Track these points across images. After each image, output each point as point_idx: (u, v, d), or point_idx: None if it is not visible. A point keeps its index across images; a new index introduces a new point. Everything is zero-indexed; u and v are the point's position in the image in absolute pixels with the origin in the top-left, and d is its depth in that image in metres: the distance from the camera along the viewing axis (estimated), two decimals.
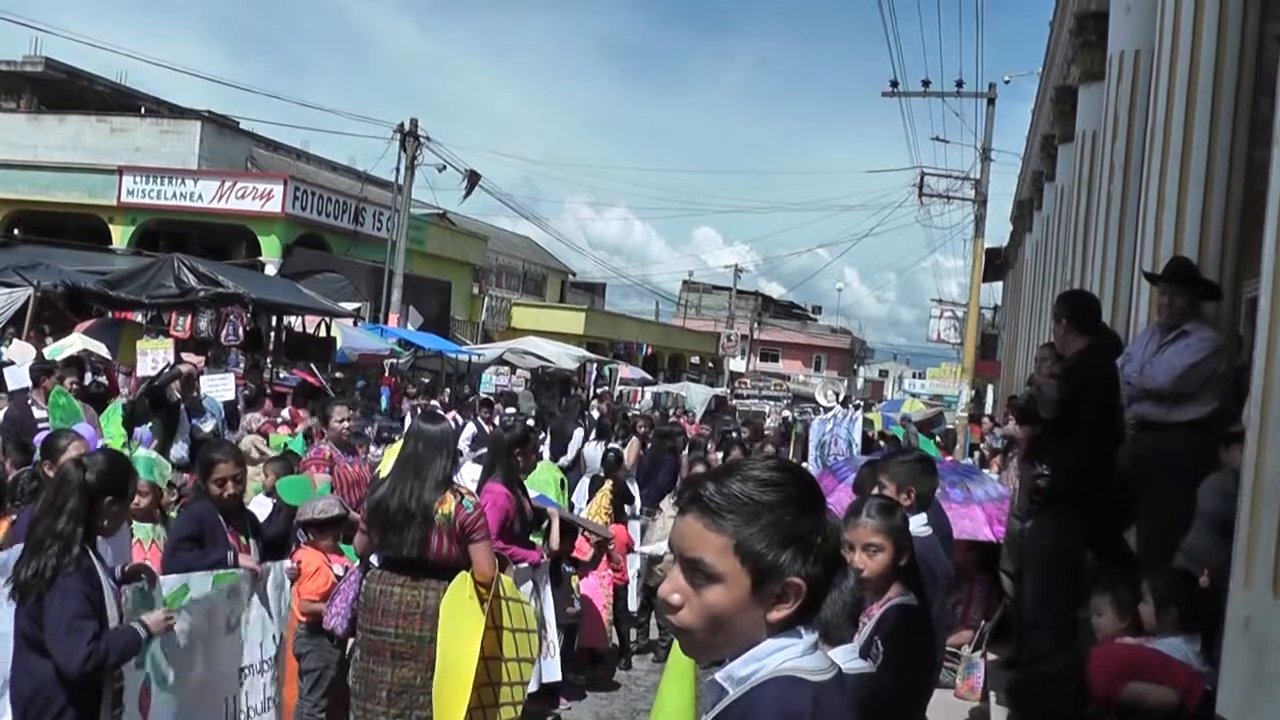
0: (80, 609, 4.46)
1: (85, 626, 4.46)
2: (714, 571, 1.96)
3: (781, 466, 2.07)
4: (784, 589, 1.96)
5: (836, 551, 2.03)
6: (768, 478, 2.00)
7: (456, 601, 6.05)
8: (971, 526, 8.72)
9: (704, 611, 1.98)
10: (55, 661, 4.44)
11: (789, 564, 1.96)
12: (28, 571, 4.47)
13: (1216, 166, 7.19)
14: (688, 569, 2.00)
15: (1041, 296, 19.33)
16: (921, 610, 4.24)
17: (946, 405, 34.25)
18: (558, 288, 58.72)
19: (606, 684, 9.58)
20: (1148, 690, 4.94)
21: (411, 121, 32.29)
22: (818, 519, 2.00)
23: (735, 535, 1.96)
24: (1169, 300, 6.78)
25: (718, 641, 2.01)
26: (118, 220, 34.93)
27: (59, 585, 4.44)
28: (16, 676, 4.56)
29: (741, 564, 1.95)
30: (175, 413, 11.94)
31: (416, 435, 6.36)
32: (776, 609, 1.97)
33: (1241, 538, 4.59)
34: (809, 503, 2.01)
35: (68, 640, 4.41)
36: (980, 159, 33.64)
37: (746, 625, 1.99)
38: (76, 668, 4.41)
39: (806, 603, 1.99)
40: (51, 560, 4.45)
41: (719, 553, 1.96)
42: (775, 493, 1.98)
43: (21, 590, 4.49)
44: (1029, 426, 7.06)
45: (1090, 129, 13.00)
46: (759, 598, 1.97)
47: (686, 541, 2.01)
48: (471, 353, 31.45)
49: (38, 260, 22.43)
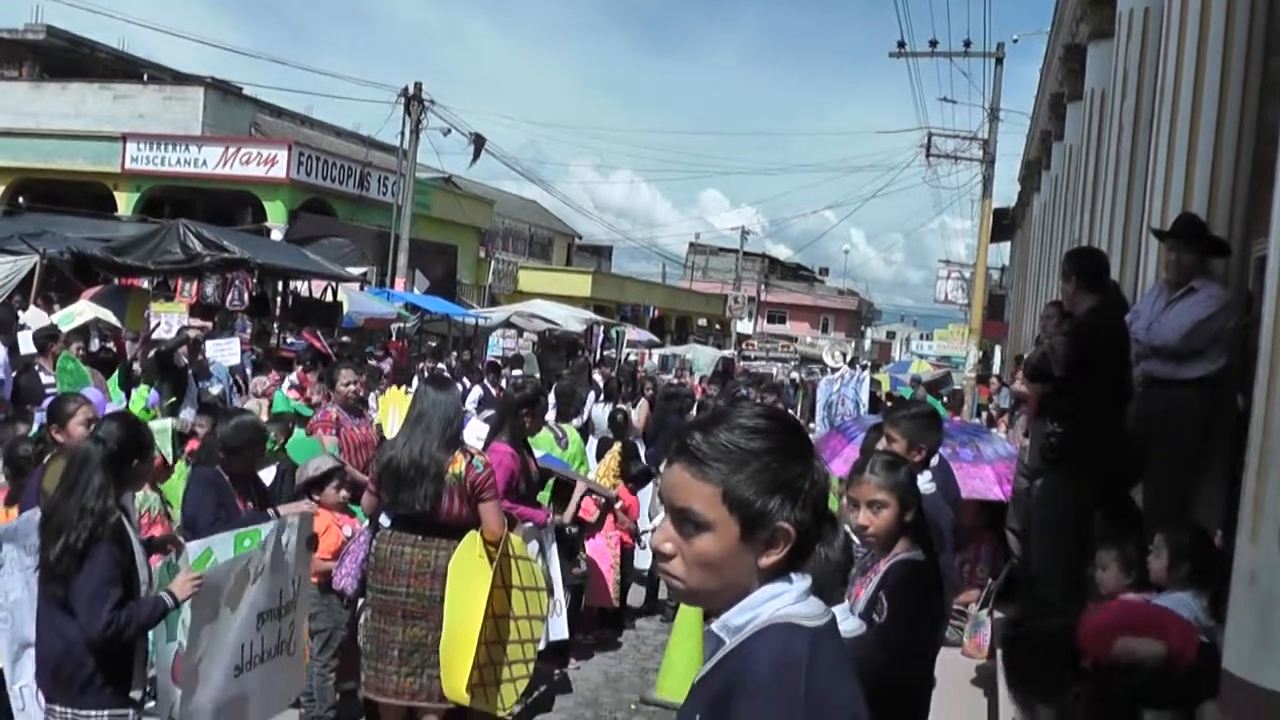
0: (107, 575, 4.46)
1: (110, 593, 4.45)
2: (703, 520, 1.98)
3: (768, 414, 2.07)
4: (773, 535, 1.97)
5: (825, 497, 2.04)
6: (754, 425, 2.01)
7: (466, 560, 6.08)
8: (982, 486, 8.72)
9: (695, 560, 2.00)
10: (78, 625, 4.46)
11: (777, 510, 1.97)
12: (57, 550, 4.43)
13: (1226, 124, 7.14)
14: (677, 518, 2.02)
15: (1049, 256, 19.27)
16: (929, 566, 4.23)
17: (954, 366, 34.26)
18: (564, 251, 58.62)
19: (614, 644, 9.64)
20: (1136, 644, 4.94)
21: (416, 86, 32.16)
22: (805, 465, 2.01)
23: (723, 483, 1.97)
24: (1177, 257, 6.75)
25: (711, 589, 2.03)
26: (122, 187, 34.87)
27: (89, 551, 4.45)
28: (47, 636, 4.56)
29: (730, 511, 1.97)
30: (183, 377, 12.00)
31: (425, 398, 6.39)
32: (767, 555, 1.98)
33: (1248, 493, 4.59)
34: (796, 449, 2.02)
35: (91, 606, 4.41)
36: (988, 119, 33.54)
37: (738, 573, 2.00)
38: (97, 633, 4.42)
39: (797, 549, 2.00)
40: (84, 534, 4.43)
41: (707, 501, 1.98)
42: (762, 440, 1.99)
43: (50, 570, 4.47)
44: (1039, 385, 7.04)
45: (1099, 87, 12.93)
46: (749, 544, 1.98)
47: (675, 491, 2.02)
48: (478, 316, 31.38)
49: (43, 228, 22.44)
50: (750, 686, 1.89)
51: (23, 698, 5.04)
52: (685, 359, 38.86)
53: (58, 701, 4.56)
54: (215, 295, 19.97)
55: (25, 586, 4.88)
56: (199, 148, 34.23)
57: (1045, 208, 22.28)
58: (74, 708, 4.54)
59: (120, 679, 4.64)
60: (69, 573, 4.43)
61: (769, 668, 1.90)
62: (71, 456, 4.64)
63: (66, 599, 4.46)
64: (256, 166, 33.63)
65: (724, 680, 1.95)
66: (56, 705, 4.56)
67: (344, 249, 29.53)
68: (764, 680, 1.89)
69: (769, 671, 1.90)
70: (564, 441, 10.02)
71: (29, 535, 4.81)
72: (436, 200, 39.41)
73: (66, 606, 4.47)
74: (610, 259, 68.35)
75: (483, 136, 33.60)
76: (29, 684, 4.97)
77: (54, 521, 4.49)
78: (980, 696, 7.20)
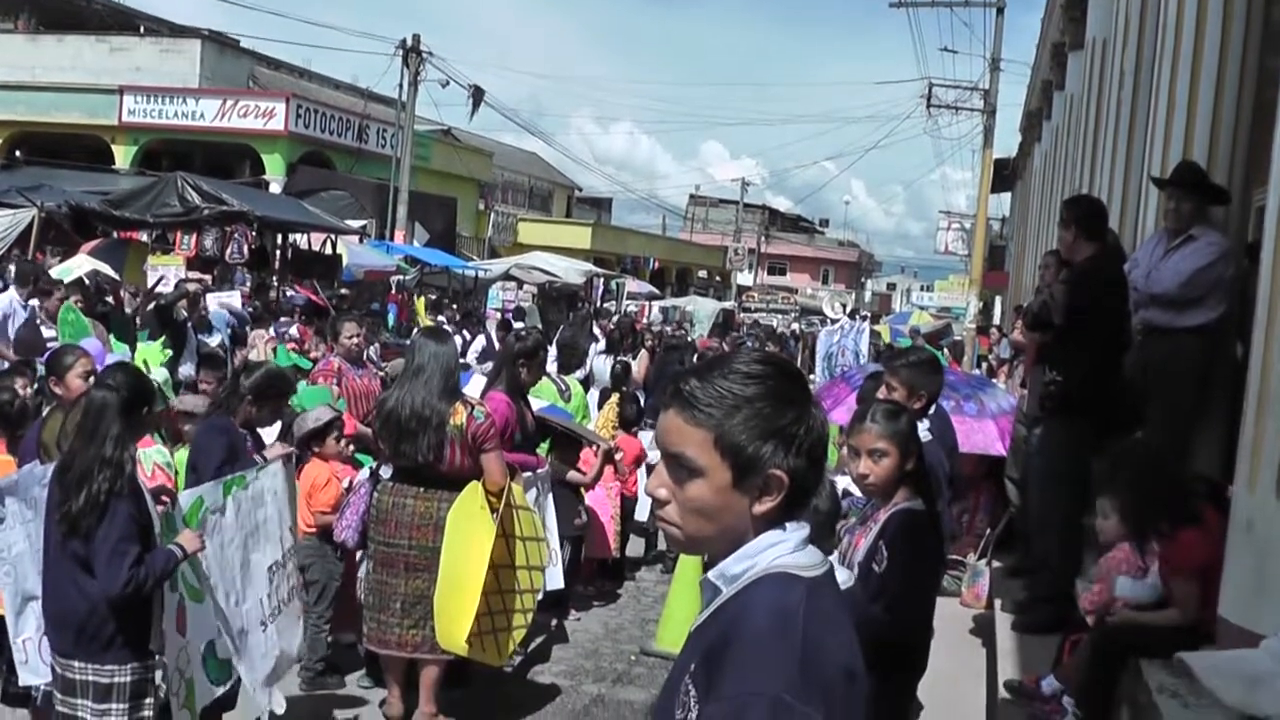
0: (125, 531, 4.45)
1: (129, 550, 4.44)
2: (695, 465, 1.97)
3: (764, 359, 2.06)
4: (766, 482, 1.96)
5: (822, 445, 2.02)
6: (748, 370, 1.99)
7: (467, 511, 6.09)
8: (984, 441, 8.73)
9: (688, 505, 2.00)
10: (98, 582, 4.44)
11: (770, 456, 1.96)
12: (80, 503, 4.40)
13: (1228, 73, 7.10)
14: (671, 464, 2.01)
15: (1050, 206, 19.22)
16: (928, 515, 4.24)
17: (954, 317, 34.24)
18: (564, 203, 58.41)
19: (614, 595, 9.68)
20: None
21: (414, 37, 32.00)
22: (800, 411, 1.99)
23: (715, 428, 1.96)
24: (1176, 205, 6.72)
25: (705, 536, 2.03)
26: (120, 140, 34.75)
27: (109, 505, 4.44)
28: (68, 596, 4.51)
29: (722, 457, 1.96)
30: (183, 331, 12.00)
31: (421, 349, 6.38)
32: (761, 502, 1.98)
33: (1246, 441, 4.60)
34: (790, 395, 2.00)
35: (111, 563, 4.40)
36: (989, 69, 33.37)
37: (731, 519, 1.99)
38: (118, 590, 4.41)
39: (793, 496, 1.99)
40: (105, 485, 4.41)
41: (700, 446, 1.97)
42: (755, 386, 1.98)
43: (72, 523, 4.43)
44: (1039, 333, 7.03)
45: (1100, 36, 12.86)
46: (742, 490, 1.97)
47: (669, 437, 2.01)
48: (478, 268, 31.32)
49: (41, 181, 22.36)
50: (746, 636, 1.89)
51: (25, 650, 5.04)
52: (685, 311, 38.80)
53: (76, 658, 4.53)
54: (214, 248, 19.90)
55: (27, 540, 4.84)
56: (196, 100, 34.06)
57: (1046, 158, 22.21)
58: (95, 663, 4.52)
59: (141, 634, 4.66)
60: (92, 526, 4.41)
61: (765, 618, 1.90)
62: (87, 406, 4.60)
63: (88, 556, 4.45)
64: (254, 119, 33.49)
65: (720, 629, 1.95)
66: (75, 661, 4.53)
67: (343, 201, 29.43)
68: (760, 630, 1.89)
69: (765, 621, 1.90)
70: (567, 394, 10.02)
71: (29, 489, 4.79)
72: (436, 153, 39.24)
73: (88, 565, 4.45)
74: (610, 211, 68.11)
75: (482, 88, 33.53)
76: (32, 637, 4.98)
77: (75, 472, 4.45)
78: (978, 646, 7.23)
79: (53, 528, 4.54)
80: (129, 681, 4.57)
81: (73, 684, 4.53)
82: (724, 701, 1.84)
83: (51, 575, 4.59)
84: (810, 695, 1.82)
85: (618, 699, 7.25)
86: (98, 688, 4.52)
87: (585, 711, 7.02)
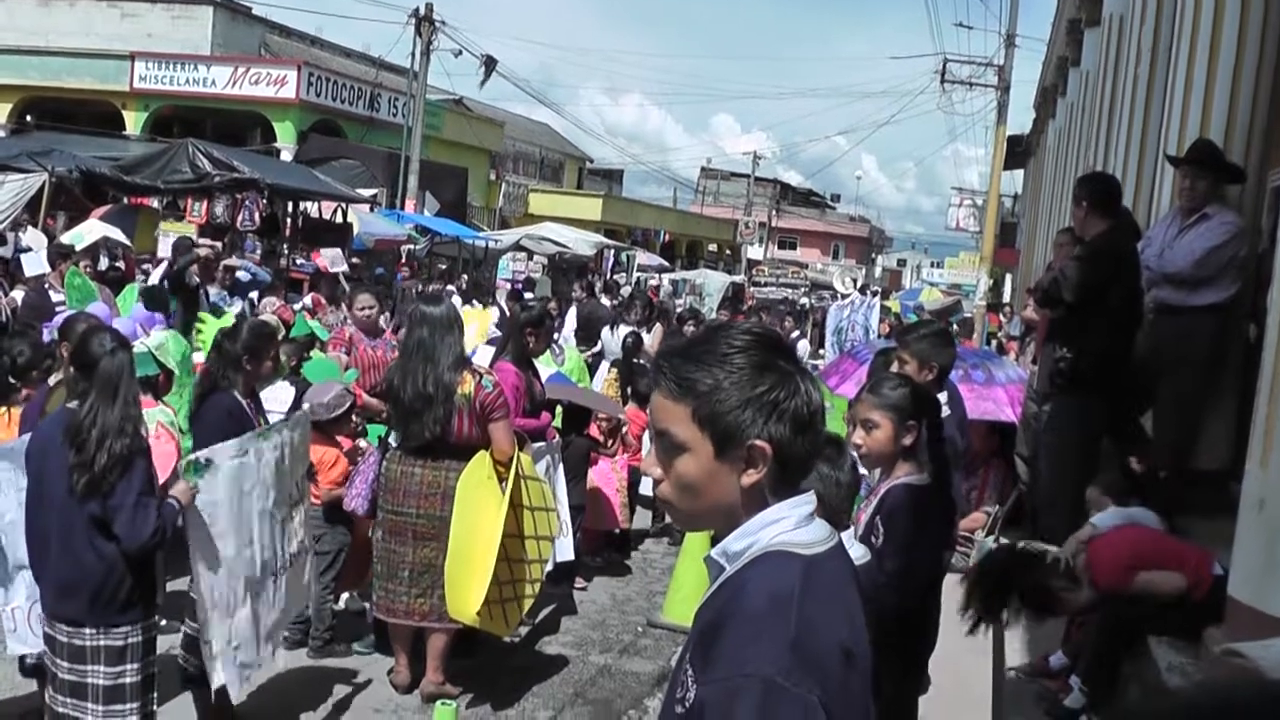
0: (143, 485, 4.47)
1: (149, 502, 4.48)
2: (679, 441, 1.98)
3: (747, 331, 2.05)
4: (749, 453, 1.95)
5: (811, 412, 1.99)
6: (728, 342, 1.99)
7: (475, 480, 6.09)
8: (993, 408, 8.70)
9: (678, 482, 2.00)
10: (120, 537, 4.43)
11: (749, 426, 1.94)
12: (105, 459, 4.38)
13: (1246, 52, 7.05)
14: (660, 441, 2.03)
15: (1064, 183, 19.12)
16: (932, 490, 4.19)
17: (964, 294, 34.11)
18: (575, 174, 58.30)
19: (622, 567, 9.71)
20: (1159, 578, 4.97)
21: (427, 6, 31.84)
22: (778, 377, 1.97)
23: (693, 402, 1.96)
24: (1190, 183, 6.69)
25: (698, 511, 2.03)
26: (131, 106, 34.69)
27: (131, 460, 4.45)
28: (84, 560, 4.47)
29: (701, 429, 1.96)
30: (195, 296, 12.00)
31: (421, 320, 6.34)
32: (747, 474, 1.97)
33: (1259, 419, 4.58)
34: (767, 363, 1.98)
35: (137, 516, 4.41)
36: (1004, 45, 33.19)
37: (721, 493, 1.99)
38: (146, 540, 4.43)
39: (787, 466, 1.98)
40: (126, 441, 4.43)
41: (682, 422, 1.97)
42: (732, 356, 1.97)
43: (95, 482, 4.40)
44: (1050, 310, 7.00)
45: (1118, 12, 12.77)
46: (726, 463, 1.97)
47: (656, 414, 2.03)
48: (489, 239, 31.27)
49: (51, 146, 22.27)
50: (739, 617, 1.89)
51: (14, 619, 5.03)
52: (696, 284, 38.74)
53: (86, 624, 4.50)
54: (225, 215, 19.88)
55: (19, 508, 4.81)
56: (208, 67, 34.01)
57: (1060, 135, 22.07)
58: (106, 626, 4.51)
59: (150, 591, 4.68)
60: (114, 483, 4.41)
61: (759, 598, 1.90)
62: (108, 366, 4.60)
63: (104, 516, 4.44)
64: (266, 87, 33.44)
65: (717, 609, 1.95)
66: (85, 628, 4.50)
67: (354, 170, 29.34)
68: (753, 611, 1.88)
69: (758, 602, 1.89)
70: (561, 358, 10.03)
71: (23, 455, 4.79)
72: (447, 122, 39.18)
73: (104, 526, 4.45)
74: (621, 183, 67.95)
75: (494, 58, 33.42)
76: (21, 606, 4.97)
77: (98, 430, 4.42)
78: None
79: (58, 494, 4.48)
80: (140, 641, 4.59)
81: (82, 651, 4.51)
82: (716, 684, 1.84)
83: (61, 542, 4.52)
84: (804, 676, 1.81)
85: (624, 670, 7.27)
86: (110, 651, 4.52)
87: (591, 682, 7.04)
